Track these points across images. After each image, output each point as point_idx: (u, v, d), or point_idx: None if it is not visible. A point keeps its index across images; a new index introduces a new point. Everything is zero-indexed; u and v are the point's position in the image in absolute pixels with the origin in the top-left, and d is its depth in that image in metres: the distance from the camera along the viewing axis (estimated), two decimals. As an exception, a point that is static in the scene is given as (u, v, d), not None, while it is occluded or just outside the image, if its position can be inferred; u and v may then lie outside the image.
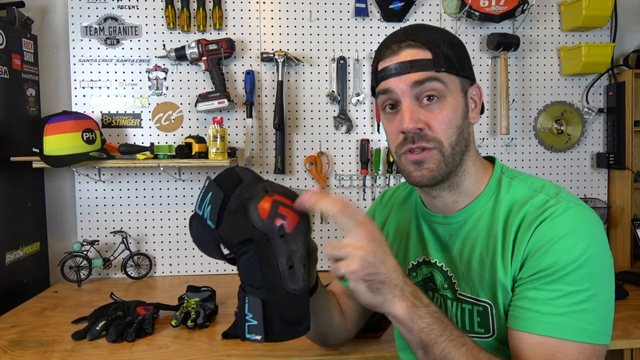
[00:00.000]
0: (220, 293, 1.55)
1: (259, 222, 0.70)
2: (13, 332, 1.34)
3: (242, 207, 0.71)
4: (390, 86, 0.79)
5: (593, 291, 0.71)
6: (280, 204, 0.72)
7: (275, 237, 0.70)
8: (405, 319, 0.70)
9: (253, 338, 0.71)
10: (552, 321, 0.70)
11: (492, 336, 0.81)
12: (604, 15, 1.89)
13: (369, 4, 1.94)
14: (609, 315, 0.73)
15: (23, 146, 1.67)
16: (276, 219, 0.71)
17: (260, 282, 0.71)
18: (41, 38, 1.86)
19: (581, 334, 0.70)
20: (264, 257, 0.71)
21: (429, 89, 0.77)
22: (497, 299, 0.79)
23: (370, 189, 1.99)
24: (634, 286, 1.66)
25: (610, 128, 2.02)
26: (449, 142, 0.78)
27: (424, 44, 0.78)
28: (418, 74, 0.77)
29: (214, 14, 1.87)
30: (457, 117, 0.79)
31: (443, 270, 0.88)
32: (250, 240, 0.71)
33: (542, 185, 0.82)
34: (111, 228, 1.89)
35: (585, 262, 0.71)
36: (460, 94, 0.80)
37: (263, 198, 0.72)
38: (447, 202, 0.85)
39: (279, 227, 0.70)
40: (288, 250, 0.71)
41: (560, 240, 0.72)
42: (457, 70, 0.79)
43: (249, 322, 0.71)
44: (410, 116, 0.77)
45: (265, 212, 0.70)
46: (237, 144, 1.93)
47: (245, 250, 0.71)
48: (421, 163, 0.79)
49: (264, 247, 0.70)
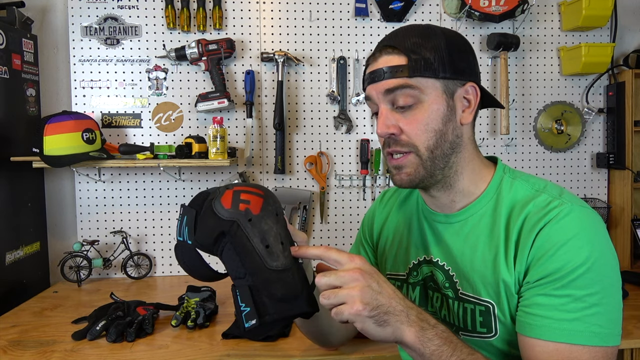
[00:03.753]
0: (220, 293, 1.56)
1: (225, 212, 0.73)
2: (13, 332, 1.34)
3: (208, 208, 0.75)
4: (369, 93, 0.83)
5: (602, 294, 0.71)
6: (241, 192, 0.75)
7: (244, 222, 0.73)
8: (416, 344, 0.69)
9: (250, 325, 0.72)
10: (564, 327, 0.70)
11: (494, 336, 0.81)
12: (604, 15, 1.89)
13: (369, 4, 1.94)
14: (618, 315, 0.74)
15: (23, 146, 1.67)
16: (240, 204, 0.74)
17: (243, 269, 0.73)
18: (41, 38, 1.86)
19: (593, 337, 0.70)
20: (239, 243, 0.73)
21: (401, 95, 0.79)
22: (500, 299, 0.79)
23: (370, 189, 1.99)
24: (634, 286, 1.67)
25: (610, 128, 2.02)
26: (426, 145, 0.79)
27: (401, 50, 0.79)
28: (390, 81, 0.79)
29: (214, 14, 1.87)
30: (434, 120, 0.79)
31: (445, 269, 0.87)
32: (223, 233, 0.73)
33: (545, 185, 0.82)
34: (111, 228, 1.89)
35: (593, 264, 0.71)
36: (441, 97, 0.79)
37: (224, 193, 0.75)
38: (444, 201, 0.86)
39: (245, 212, 0.73)
40: (260, 230, 0.73)
41: (567, 243, 0.72)
42: (436, 73, 0.78)
43: (244, 311, 0.72)
44: (384, 122, 0.80)
45: (228, 202, 0.74)
46: (237, 144, 1.93)
47: (223, 246, 0.74)
48: (400, 167, 0.82)
49: (236, 235, 0.73)
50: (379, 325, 0.68)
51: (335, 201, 1.98)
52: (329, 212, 1.98)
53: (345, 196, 1.99)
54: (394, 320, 0.69)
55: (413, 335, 0.69)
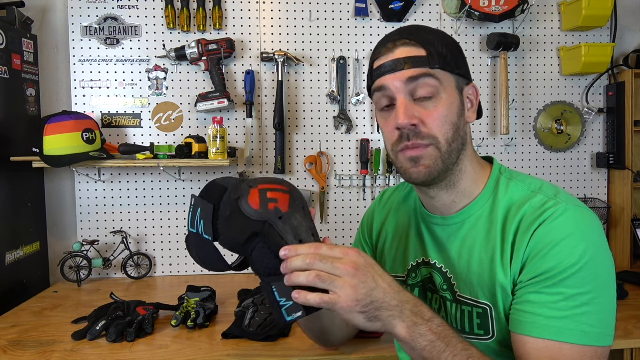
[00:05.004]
0: (220, 293, 1.55)
1: (255, 213, 0.73)
2: (13, 332, 1.34)
3: (235, 209, 0.74)
4: (385, 83, 0.80)
5: (595, 294, 0.71)
6: (267, 191, 0.75)
7: (275, 221, 0.73)
8: (407, 338, 0.69)
9: (295, 317, 0.71)
10: (554, 325, 0.71)
11: (491, 338, 0.81)
12: (604, 15, 1.89)
13: (369, 4, 1.94)
14: (611, 316, 0.73)
15: (23, 146, 1.67)
16: (269, 204, 0.74)
17: (279, 264, 0.72)
18: (41, 38, 1.86)
19: (583, 337, 0.70)
20: (273, 242, 0.73)
21: (423, 84, 0.78)
22: (497, 301, 0.79)
23: (370, 189, 1.99)
24: (634, 286, 1.66)
25: (610, 128, 2.02)
26: (445, 138, 0.78)
27: (418, 42, 0.79)
28: (412, 70, 0.77)
29: (214, 14, 1.87)
30: (452, 114, 0.79)
31: (442, 271, 0.87)
32: (255, 234, 0.73)
33: (540, 185, 0.81)
34: (111, 228, 1.89)
35: (586, 264, 0.71)
36: (455, 92, 0.81)
37: (249, 192, 0.75)
38: (445, 202, 0.85)
39: (274, 211, 0.73)
40: (291, 227, 0.73)
41: (561, 242, 0.72)
42: (451, 68, 0.80)
43: (285, 305, 0.72)
44: (405, 112, 0.77)
45: (256, 203, 0.74)
46: (237, 144, 1.93)
47: (254, 246, 0.74)
48: (417, 160, 0.79)
49: (269, 234, 0.73)
50: (369, 320, 0.68)
51: (335, 201, 1.98)
52: (329, 212, 1.98)
53: (345, 196, 1.99)
54: (386, 315, 0.69)
55: (404, 331, 0.69)
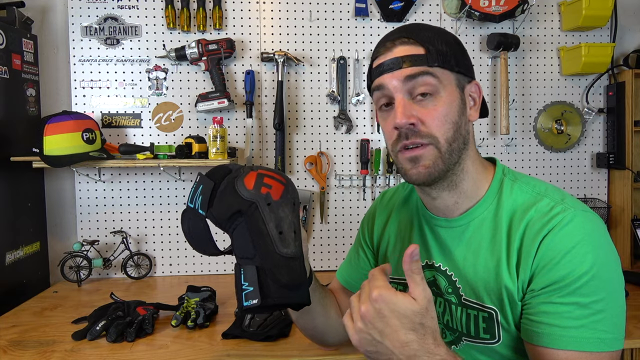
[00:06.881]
0: (220, 293, 1.55)
1: (246, 192, 0.74)
2: (13, 332, 1.34)
3: (230, 185, 0.76)
4: (384, 82, 0.79)
5: (607, 299, 0.71)
6: (265, 176, 0.77)
7: (263, 205, 0.74)
8: None
9: (250, 304, 0.72)
10: (571, 335, 0.70)
11: (497, 342, 0.80)
12: (604, 15, 1.89)
13: (369, 4, 1.94)
14: (622, 319, 0.73)
15: (23, 146, 1.67)
16: (262, 187, 0.75)
17: (253, 250, 0.74)
18: (41, 38, 1.86)
19: (600, 344, 0.70)
20: (254, 225, 0.74)
21: (421, 83, 0.77)
22: (503, 306, 0.78)
23: (370, 189, 1.99)
24: (634, 286, 1.66)
25: (610, 128, 2.02)
26: (445, 137, 0.77)
27: (417, 40, 0.78)
28: (410, 69, 0.77)
29: (214, 14, 1.87)
30: (452, 112, 0.78)
31: (447, 274, 0.86)
32: (240, 212, 0.74)
33: (545, 188, 0.81)
34: (111, 228, 1.89)
35: (598, 271, 0.71)
36: (455, 90, 0.80)
37: (248, 173, 0.77)
38: (447, 203, 0.84)
39: (265, 195, 0.74)
40: (276, 216, 0.74)
41: (571, 251, 0.71)
42: (451, 66, 0.79)
43: (246, 290, 0.73)
44: (403, 111, 0.76)
45: (250, 183, 0.75)
46: (237, 144, 1.93)
47: (237, 224, 0.75)
48: (417, 160, 0.78)
49: (253, 216, 0.74)
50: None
51: (335, 201, 1.98)
52: (329, 212, 1.98)
53: (345, 196, 1.99)
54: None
55: None
